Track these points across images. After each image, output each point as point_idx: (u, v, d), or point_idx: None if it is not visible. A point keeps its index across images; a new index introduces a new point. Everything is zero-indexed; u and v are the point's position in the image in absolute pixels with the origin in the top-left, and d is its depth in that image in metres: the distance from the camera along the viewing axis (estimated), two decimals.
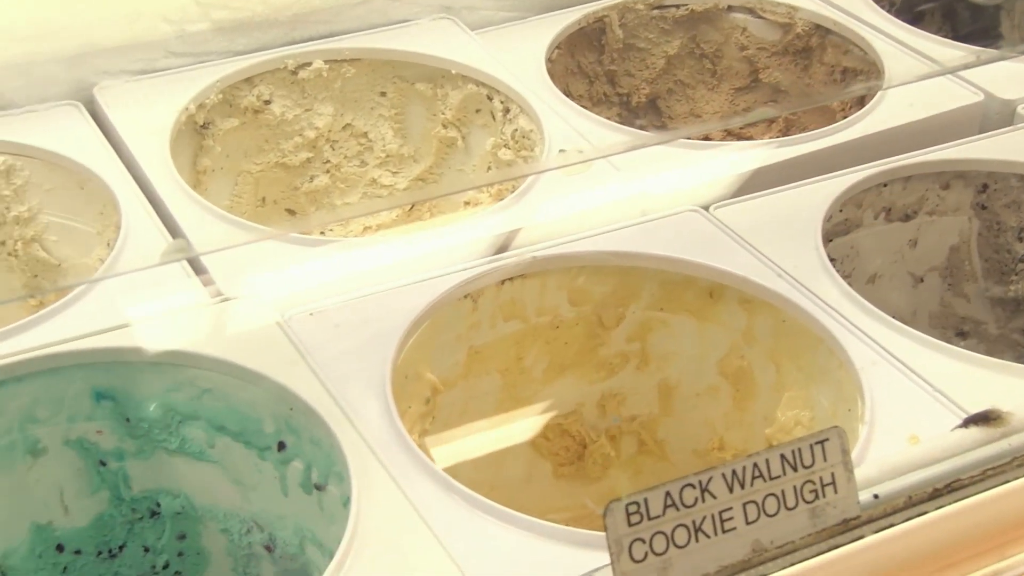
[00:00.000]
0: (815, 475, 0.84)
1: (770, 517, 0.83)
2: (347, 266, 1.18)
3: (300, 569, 1.09)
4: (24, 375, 1.06)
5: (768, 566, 0.82)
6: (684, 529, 0.81)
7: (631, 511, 0.79)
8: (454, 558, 0.90)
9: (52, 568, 1.12)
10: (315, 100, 1.48)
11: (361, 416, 1.01)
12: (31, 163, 1.31)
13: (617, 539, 0.79)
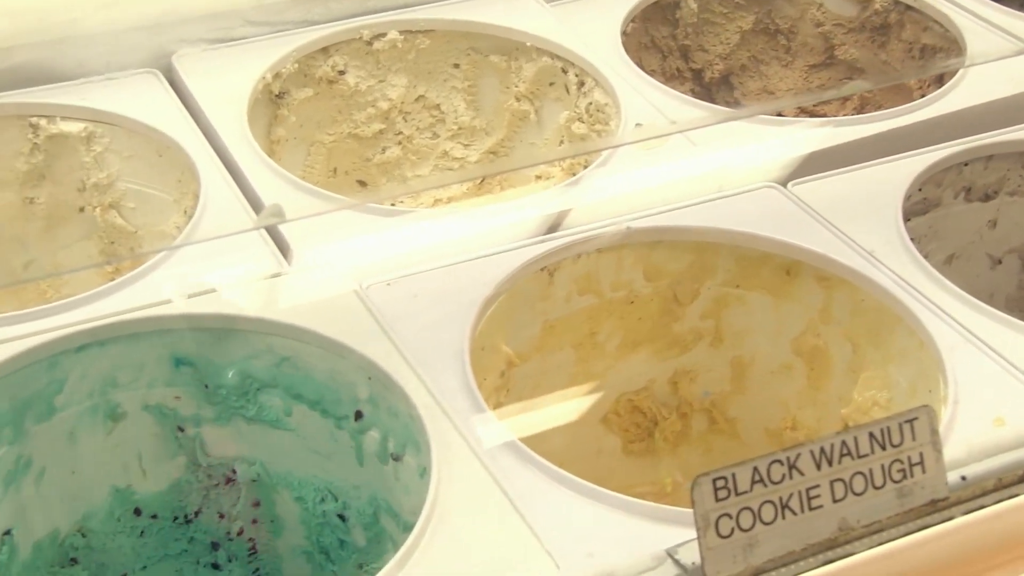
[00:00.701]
0: (903, 454, 0.83)
1: (857, 496, 0.82)
2: (423, 237, 1.18)
3: (373, 539, 1.09)
4: (106, 340, 1.06)
5: (855, 545, 0.82)
6: (771, 506, 0.80)
7: (718, 486, 0.79)
8: (534, 530, 0.89)
9: (130, 531, 1.13)
10: (389, 71, 1.48)
11: (440, 387, 1.01)
12: (111, 130, 1.31)
13: (704, 514, 0.79)
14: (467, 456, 0.95)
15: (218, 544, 1.15)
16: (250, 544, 1.16)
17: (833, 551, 0.81)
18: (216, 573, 1.15)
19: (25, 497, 1.05)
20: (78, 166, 1.34)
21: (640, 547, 0.87)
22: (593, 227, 1.18)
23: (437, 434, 0.97)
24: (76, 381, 1.06)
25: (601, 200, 1.24)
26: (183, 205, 1.30)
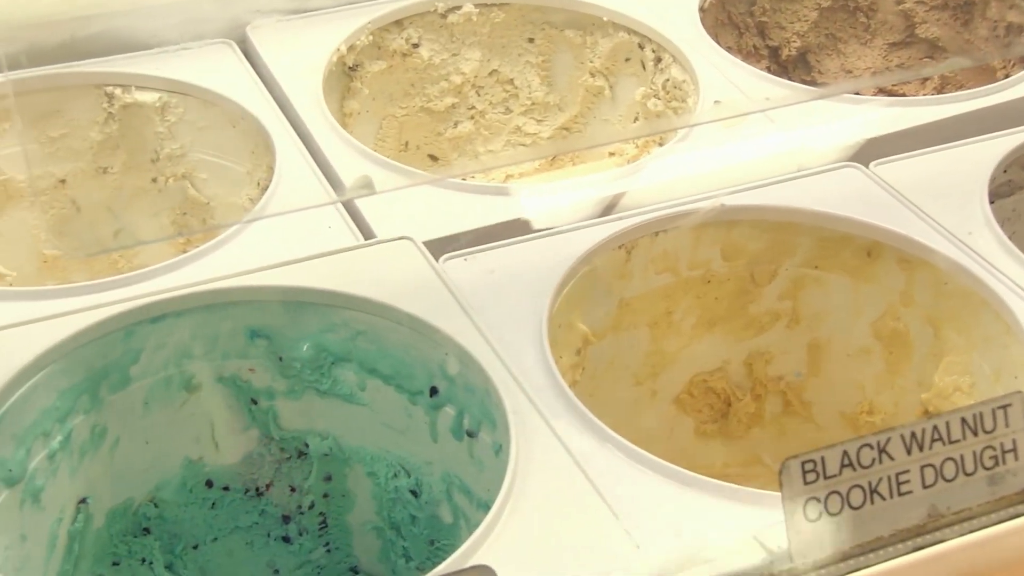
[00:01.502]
0: (996, 441, 0.81)
1: (948, 482, 0.81)
2: (500, 212, 1.17)
3: (446, 516, 1.08)
4: (183, 311, 1.06)
5: (944, 532, 0.80)
6: (860, 490, 0.79)
7: (807, 469, 0.77)
8: (613, 510, 0.88)
9: (201, 503, 1.13)
10: (463, 45, 1.46)
11: (518, 364, 1.00)
12: (185, 100, 1.31)
13: (792, 497, 0.77)
14: (545, 434, 0.94)
15: (289, 517, 1.15)
16: (321, 518, 1.15)
17: (922, 538, 0.80)
18: (286, 546, 1.15)
19: (100, 466, 1.05)
20: (152, 136, 1.33)
21: (722, 529, 0.86)
22: (671, 205, 1.16)
23: (515, 411, 0.96)
24: (152, 352, 1.06)
25: (677, 178, 1.23)
26: (256, 177, 1.30)
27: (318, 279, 1.07)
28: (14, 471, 0.96)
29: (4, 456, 0.96)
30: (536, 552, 0.85)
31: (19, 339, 1.00)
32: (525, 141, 1.51)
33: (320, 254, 1.10)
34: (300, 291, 1.06)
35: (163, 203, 1.37)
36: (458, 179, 1.22)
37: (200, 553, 1.13)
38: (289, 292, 1.07)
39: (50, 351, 0.99)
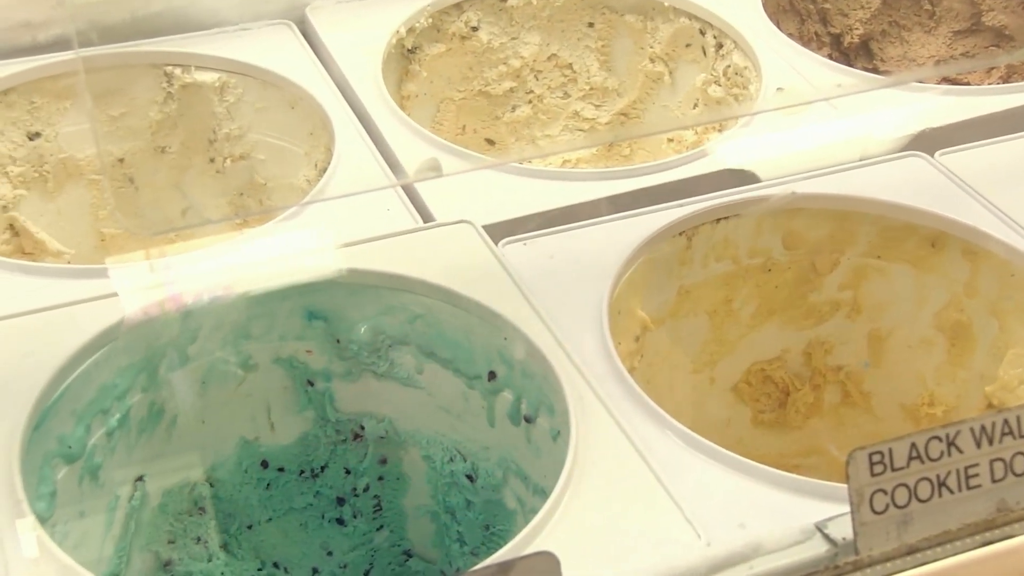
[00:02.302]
0: None
1: (1018, 476, 0.79)
2: (560, 196, 1.16)
3: (501, 501, 1.08)
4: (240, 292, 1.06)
5: (1014, 527, 0.79)
6: (927, 483, 0.78)
7: (874, 460, 0.76)
8: (674, 498, 0.87)
9: (256, 483, 1.13)
10: (522, 28, 1.45)
11: (578, 350, 0.99)
12: (244, 81, 1.31)
13: (858, 488, 0.76)
14: (605, 421, 0.93)
15: (343, 500, 1.14)
16: (375, 501, 1.15)
17: (991, 532, 0.78)
18: (340, 528, 1.15)
19: (157, 445, 1.06)
20: (210, 116, 1.33)
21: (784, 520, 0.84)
22: (732, 192, 1.15)
23: (574, 397, 0.95)
24: (209, 331, 1.06)
25: (739, 165, 1.21)
26: (314, 158, 1.30)
27: (377, 261, 1.07)
28: (74, 448, 0.97)
29: (64, 433, 0.96)
30: (596, 539, 0.84)
31: (80, 316, 1.00)
32: (583, 126, 1.50)
33: (379, 236, 1.10)
34: (359, 273, 1.06)
35: (220, 184, 1.37)
36: (516, 163, 1.21)
37: (254, 533, 1.13)
38: (348, 274, 1.06)
39: (111, 329, 0.99)
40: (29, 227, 1.29)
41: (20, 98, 1.27)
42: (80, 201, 1.34)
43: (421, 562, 1.15)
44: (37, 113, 1.29)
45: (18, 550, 0.82)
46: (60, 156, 1.32)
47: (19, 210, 1.29)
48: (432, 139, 1.21)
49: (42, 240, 1.29)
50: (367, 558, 1.15)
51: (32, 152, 1.30)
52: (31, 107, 1.28)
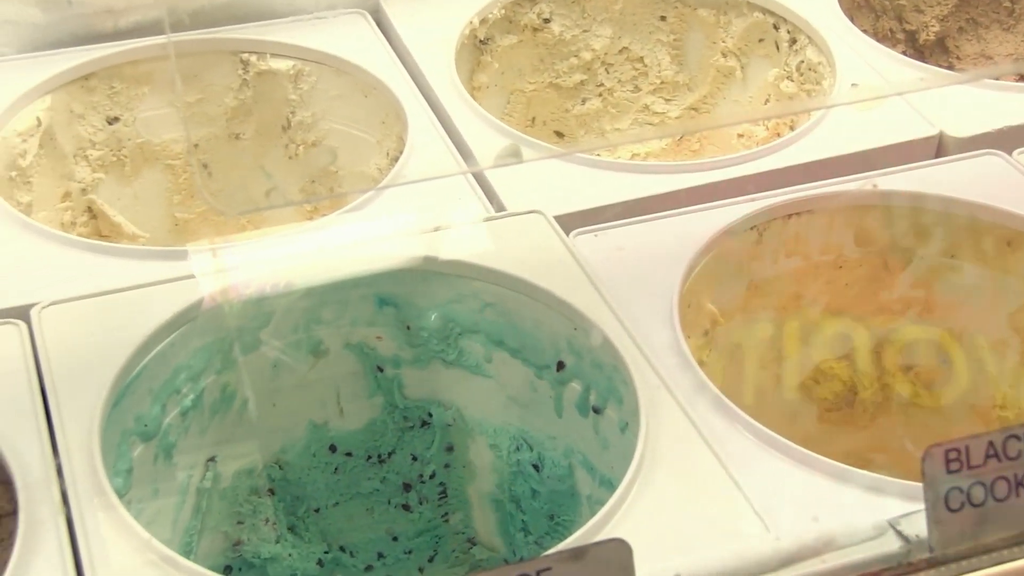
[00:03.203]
0: None
1: None
2: (630, 189, 1.16)
3: (567, 491, 1.08)
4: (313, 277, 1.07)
5: None
6: (1004, 482, 0.77)
7: (951, 458, 0.76)
8: (744, 491, 0.87)
9: (324, 467, 1.14)
10: (594, 21, 1.46)
11: (648, 342, 0.99)
12: (319, 69, 1.32)
13: (934, 485, 0.76)
14: (675, 413, 0.94)
15: (410, 486, 1.15)
16: (441, 488, 1.16)
17: None
18: (406, 514, 1.16)
19: (229, 426, 1.07)
20: (284, 103, 1.35)
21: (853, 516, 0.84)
22: (804, 188, 1.15)
23: (644, 389, 0.95)
24: (282, 315, 1.07)
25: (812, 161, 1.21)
26: (385, 147, 1.30)
27: (448, 249, 1.07)
28: (149, 426, 0.98)
29: (141, 411, 0.97)
30: (665, 530, 0.84)
31: (158, 297, 1.01)
32: (653, 120, 1.50)
33: (451, 225, 1.10)
34: (430, 261, 1.07)
35: (292, 171, 1.38)
36: (589, 155, 1.21)
37: (321, 516, 1.14)
38: (419, 261, 1.07)
39: (187, 310, 1.00)
40: (106, 210, 1.31)
41: (100, 83, 1.29)
42: (156, 185, 1.36)
43: (485, 550, 1.16)
44: (116, 98, 1.31)
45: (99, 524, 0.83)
46: (138, 141, 1.33)
47: (97, 193, 1.31)
48: (504, 129, 1.22)
49: (118, 223, 1.31)
50: (431, 544, 1.16)
51: (111, 136, 1.32)
52: (111, 92, 1.30)
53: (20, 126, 1.22)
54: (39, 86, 1.25)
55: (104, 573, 0.81)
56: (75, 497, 0.85)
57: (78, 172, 1.30)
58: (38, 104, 1.25)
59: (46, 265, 1.05)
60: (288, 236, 1.12)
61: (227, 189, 1.36)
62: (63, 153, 1.28)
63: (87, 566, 0.81)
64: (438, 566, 1.16)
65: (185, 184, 1.38)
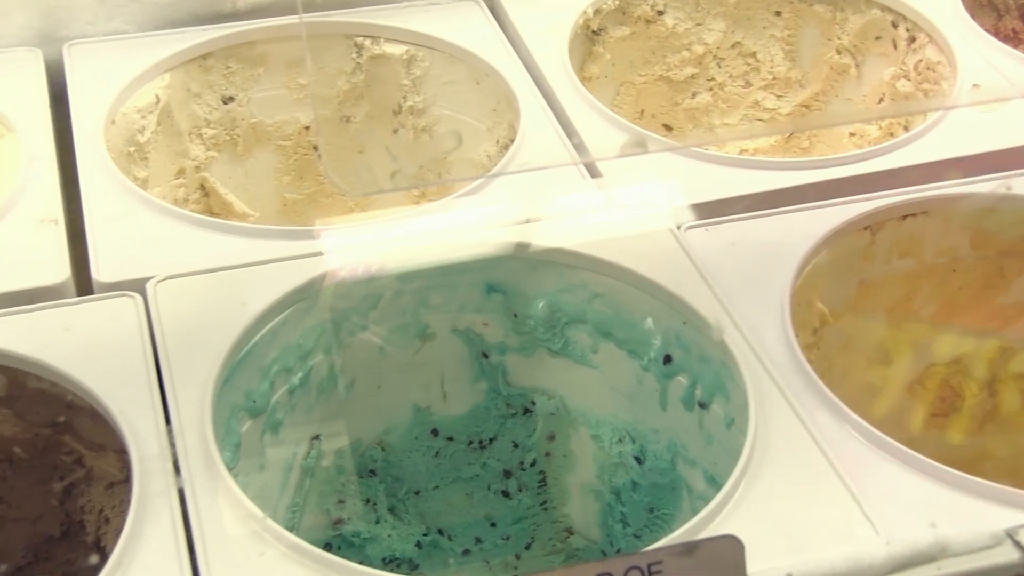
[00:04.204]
0: None
1: None
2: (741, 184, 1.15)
3: (668, 485, 1.07)
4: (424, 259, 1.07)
5: None
6: None
7: None
8: (853, 493, 0.86)
9: (426, 450, 1.14)
10: (708, 15, 1.44)
11: (757, 338, 0.98)
12: (431, 55, 1.33)
13: None
14: (784, 411, 0.93)
15: (510, 472, 1.15)
16: (540, 476, 1.16)
17: None
18: (505, 501, 1.16)
19: (334, 406, 1.08)
20: (396, 88, 1.35)
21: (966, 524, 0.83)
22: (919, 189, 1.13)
23: (753, 385, 0.94)
24: (391, 298, 1.08)
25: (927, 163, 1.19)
26: (495, 135, 1.30)
27: (558, 239, 1.07)
28: (258, 402, 0.99)
29: (251, 388, 0.99)
30: (772, 528, 0.84)
31: (271, 276, 1.02)
32: (762, 116, 1.48)
33: (561, 214, 1.10)
34: (541, 250, 1.07)
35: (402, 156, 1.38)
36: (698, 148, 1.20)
37: (421, 499, 1.15)
38: (528, 250, 1.07)
39: (298, 290, 1.01)
40: (218, 188, 1.33)
41: (217, 63, 1.31)
42: (266, 166, 1.38)
43: (582, 540, 1.16)
44: (232, 78, 1.32)
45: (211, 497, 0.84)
46: (251, 121, 1.35)
47: (210, 171, 1.33)
48: (617, 120, 1.21)
49: (229, 201, 1.33)
50: (529, 532, 1.16)
51: (225, 116, 1.33)
52: (227, 72, 1.32)
53: (140, 103, 1.24)
54: (159, 64, 1.27)
55: (215, 545, 0.82)
56: (187, 469, 0.87)
57: (192, 150, 1.32)
58: (157, 82, 1.27)
59: (162, 240, 1.06)
60: (398, 220, 1.12)
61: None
62: (179, 130, 1.30)
63: (198, 537, 0.82)
64: (535, 553, 1.16)
65: (295, 165, 1.39)
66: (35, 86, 1.23)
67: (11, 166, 1.14)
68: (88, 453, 0.99)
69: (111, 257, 1.04)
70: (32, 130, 1.17)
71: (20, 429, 1.00)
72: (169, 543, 0.82)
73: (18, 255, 1.04)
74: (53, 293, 1.01)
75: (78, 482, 1.01)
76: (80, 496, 1.01)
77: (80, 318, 0.99)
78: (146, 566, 0.81)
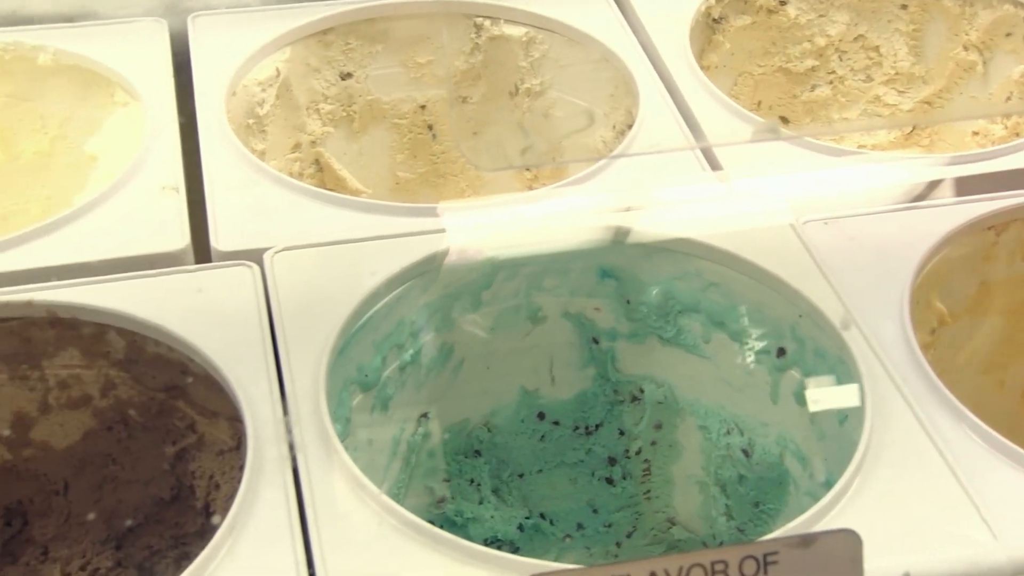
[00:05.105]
0: None
1: None
2: (863, 179, 1.13)
3: (776, 479, 1.06)
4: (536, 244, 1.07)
5: None
6: None
7: None
8: (971, 496, 0.84)
9: (531, 434, 1.14)
10: (831, 6, 1.42)
11: (876, 335, 0.97)
12: (551, 37, 1.32)
13: None
14: (902, 409, 0.91)
15: (615, 460, 1.15)
16: (645, 465, 1.15)
17: None
18: (608, 488, 1.15)
19: (443, 384, 1.08)
20: (514, 70, 1.35)
21: None
22: None
23: (870, 383, 0.93)
24: (504, 279, 1.08)
25: None
26: (612, 120, 1.30)
27: (675, 226, 1.06)
28: (370, 377, 1.00)
29: (363, 362, 0.99)
30: (886, 528, 0.82)
31: (385, 251, 1.02)
32: (883, 112, 1.46)
33: (678, 201, 1.09)
34: (657, 236, 1.06)
35: (515, 137, 1.38)
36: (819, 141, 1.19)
37: (525, 482, 1.15)
38: (645, 236, 1.06)
39: (415, 266, 1.01)
40: (332, 164, 1.33)
41: (337, 39, 1.32)
42: (380, 143, 1.38)
43: (684, 531, 1.15)
44: (351, 54, 1.33)
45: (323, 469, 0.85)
46: (367, 98, 1.36)
47: (325, 146, 1.34)
48: (737, 110, 1.20)
49: (343, 177, 1.34)
50: (631, 520, 1.16)
51: (343, 92, 1.34)
52: (346, 48, 1.33)
53: (261, 75, 1.26)
54: (280, 38, 1.28)
55: (326, 516, 0.82)
56: (300, 439, 0.87)
57: (309, 124, 1.33)
58: (278, 55, 1.28)
59: (280, 211, 1.07)
60: (514, 202, 1.12)
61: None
62: (297, 105, 1.31)
63: (309, 506, 0.83)
64: (635, 542, 1.15)
65: (408, 144, 1.40)
66: (160, 56, 1.25)
67: (135, 134, 1.16)
68: (201, 419, 1.00)
69: (230, 226, 1.05)
70: (156, 99, 1.19)
71: (136, 392, 1.01)
72: (281, 512, 0.83)
73: (140, 221, 1.06)
74: (173, 259, 1.03)
75: (190, 447, 1.02)
76: (191, 461, 1.02)
77: (199, 285, 1.00)
78: (258, 532, 0.81)
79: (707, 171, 1.13)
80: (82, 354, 1.00)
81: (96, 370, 1.00)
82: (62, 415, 1.02)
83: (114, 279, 1.00)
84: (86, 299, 0.97)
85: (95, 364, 1.00)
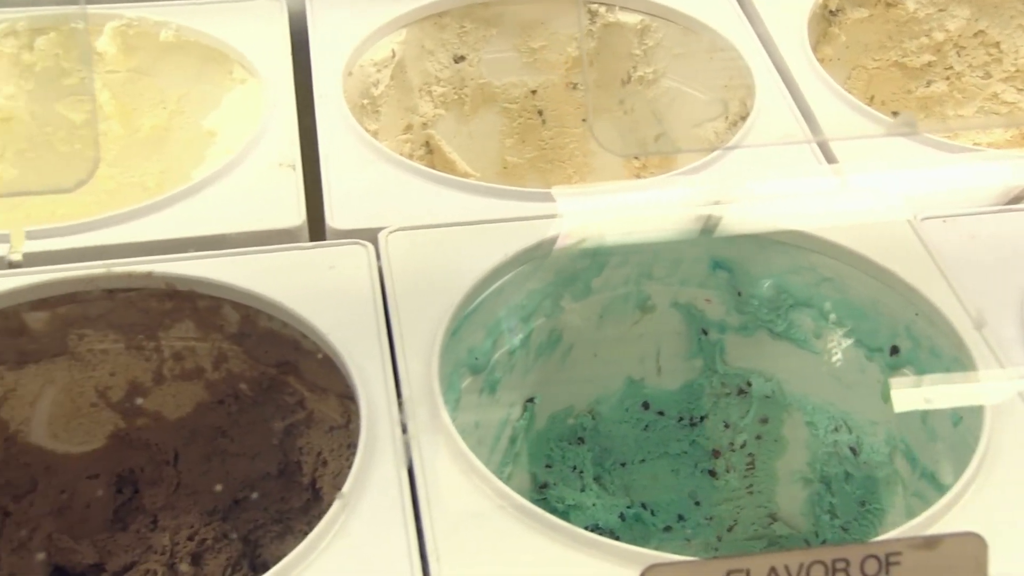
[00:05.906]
0: None
1: None
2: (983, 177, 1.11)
3: (883, 479, 1.05)
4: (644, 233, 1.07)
5: None
6: None
7: None
8: None
9: (635, 423, 1.14)
10: (952, 1, 1.40)
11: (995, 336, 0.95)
12: (666, 26, 1.31)
13: None
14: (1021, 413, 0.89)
15: (719, 452, 1.14)
16: (749, 459, 1.14)
17: None
18: (711, 480, 1.15)
19: (550, 370, 1.08)
20: (627, 57, 1.34)
21: None
22: None
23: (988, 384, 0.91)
24: (615, 267, 1.07)
25: None
26: (726, 110, 1.29)
27: (790, 219, 1.05)
28: (480, 360, 1.00)
29: (474, 344, 0.99)
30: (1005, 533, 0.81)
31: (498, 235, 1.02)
32: (1000, 110, 1.43)
33: (793, 194, 1.08)
34: (771, 228, 1.05)
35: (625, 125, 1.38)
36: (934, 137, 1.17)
37: (627, 471, 1.14)
38: (759, 227, 1.05)
39: (527, 251, 1.01)
40: (443, 146, 1.34)
41: (453, 21, 1.32)
42: (490, 127, 1.38)
43: (785, 527, 1.14)
44: (465, 38, 1.33)
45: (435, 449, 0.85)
46: (479, 81, 1.36)
47: (436, 128, 1.34)
48: (855, 104, 1.18)
49: (453, 159, 1.34)
50: (733, 514, 1.15)
51: (455, 75, 1.34)
52: (461, 31, 1.33)
53: (376, 56, 1.26)
54: (397, 19, 1.28)
55: (436, 496, 0.83)
56: (412, 419, 0.88)
57: (421, 106, 1.33)
58: (394, 37, 1.28)
59: (395, 191, 1.08)
60: (626, 189, 1.12)
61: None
62: (410, 86, 1.32)
63: (421, 486, 0.83)
64: (736, 536, 1.14)
65: (518, 128, 1.40)
66: (278, 34, 1.26)
67: (253, 110, 1.17)
68: (310, 396, 1.01)
69: (345, 205, 1.06)
70: (273, 77, 1.20)
71: (248, 367, 1.02)
72: (393, 489, 0.83)
73: (256, 197, 1.07)
74: (288, 236, 1.03)
75: (298, 423, 1.03)
76: (299, 437, 1.03)
77: (313, 262, 1.01)
78: (370, 508, 0.82)
79: (823, 164, 1.12)
80: (197, 327, 1.01)
81: (210, 343, 1.02)
82: (175, 386, 1.04)
83: (230, 254, 1.01)
84: (203, 272, 0.99)
85: (209, 337, 1.01)
